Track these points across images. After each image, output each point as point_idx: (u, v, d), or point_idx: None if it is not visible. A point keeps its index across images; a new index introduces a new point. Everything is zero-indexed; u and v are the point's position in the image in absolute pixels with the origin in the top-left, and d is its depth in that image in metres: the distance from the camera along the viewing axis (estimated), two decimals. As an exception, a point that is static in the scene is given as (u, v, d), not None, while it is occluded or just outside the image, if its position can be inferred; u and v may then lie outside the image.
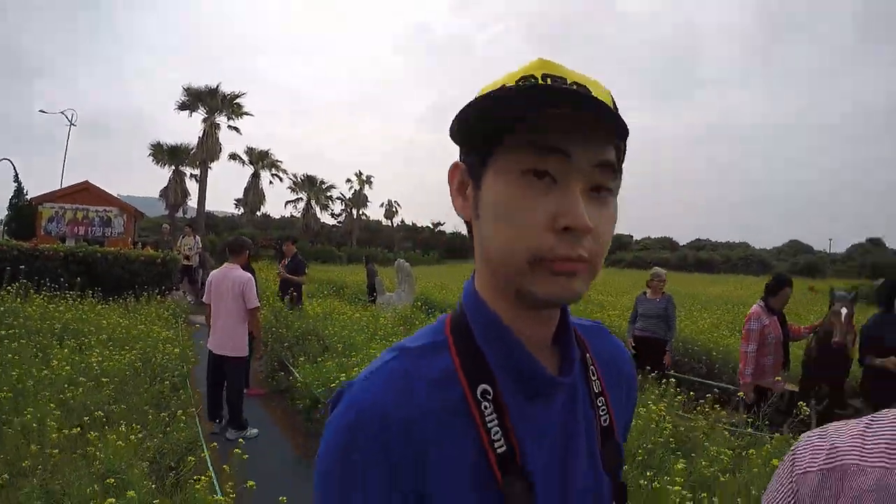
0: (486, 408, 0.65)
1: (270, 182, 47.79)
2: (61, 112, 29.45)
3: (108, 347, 6.26)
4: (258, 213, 50.72)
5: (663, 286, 6.98)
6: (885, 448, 0.89)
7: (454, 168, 0.72)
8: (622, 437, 0.82)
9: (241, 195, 47.39)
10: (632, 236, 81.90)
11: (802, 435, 0.90)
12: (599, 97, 0.62)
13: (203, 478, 3.22)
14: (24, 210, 19.32)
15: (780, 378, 5.28)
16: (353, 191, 58.96)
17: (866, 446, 0.91)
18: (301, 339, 7.89)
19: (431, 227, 74.35)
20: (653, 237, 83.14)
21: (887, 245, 59.10)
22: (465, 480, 0.63)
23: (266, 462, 4.93)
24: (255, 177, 45.88)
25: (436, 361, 0.68)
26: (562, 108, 0.59)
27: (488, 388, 0.66)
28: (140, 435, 3.85)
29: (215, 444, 4.66)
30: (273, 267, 16.95)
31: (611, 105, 0.64)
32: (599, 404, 0.77)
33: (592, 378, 0.77)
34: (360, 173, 59.12)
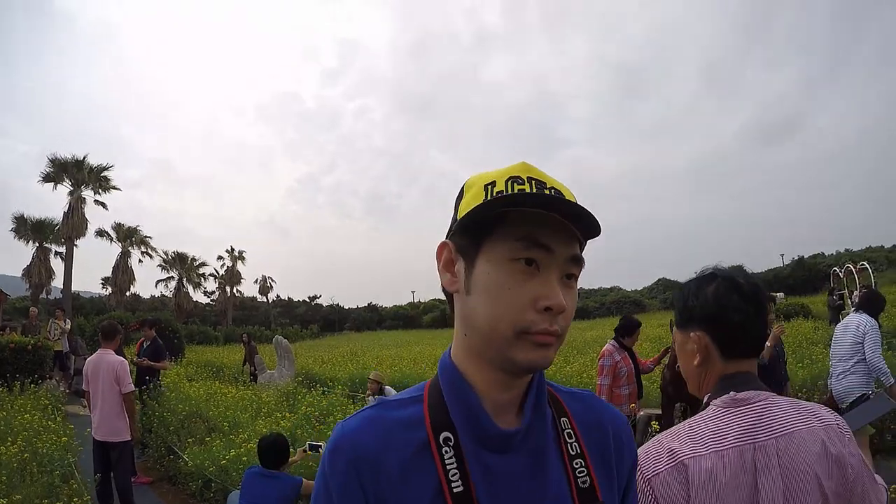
0: (446, 452, 0.75)
1: (140, 260, 45.29)
2: None
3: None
4: (128, 294, 48.12)
5: None
6: (710, 437, 1.15)
7: (442, 246, 0.83)
8: (616, 499, 0.86)
9: (108, 274, 44.94)
10: None
11: (639, 449, 1.05)
12: (570, 199, 0.77)
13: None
14: None
15: (634, 405, 5.82)
16: (225, 267, 57.27)
17: (695, 441, 1.15)
18: (185, 421, 7.99)
19: (308, 300, 73.83)
20: None
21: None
22: None
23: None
24: (124, 255, 43.52)
25: (408, 410, 0.80)
26: (549, 213, 0.73)
27: (450, 435, 0.76)
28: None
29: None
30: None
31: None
32: (576, 465, 0.81)
33: (569, 440, 0.83)
34: (233, 249, 57.90)
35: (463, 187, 0.84)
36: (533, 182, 0.77)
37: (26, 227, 35.42)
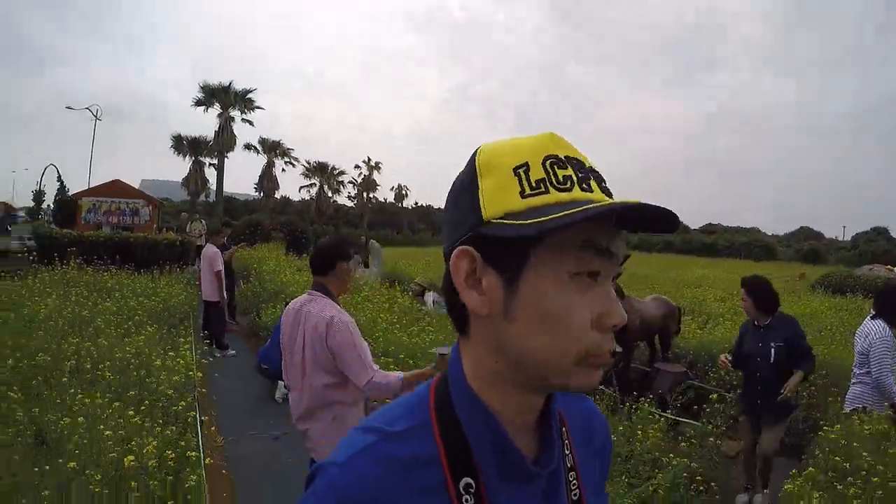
0: (466, 500, 0.65)
1: (283, 169, 51.40)
2: (87, 108, 33.12)
3: (140, 298, 9.59)
4: (277, 197, 54.54)
5: None
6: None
7: (461, 255, 0.66)
8: (601, 489, 0.84)
9: (256, 180, 51.13)
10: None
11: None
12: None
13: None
14: (66, 204, 23.12)
15: None
16: (362, 176, 62.45)
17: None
18: (273, 296, 10.89)
19: (441, 208, 77.61)
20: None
21: (892, 234, 60.43)
22: None
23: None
24: (269, 165, 49.54)
25: (418, 446, 0.67)
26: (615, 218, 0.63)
27: (471, 482, 0.66)
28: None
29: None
30: (279, 247, 19.79)
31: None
32: (570, 478, 0.76)
33: (566, 453, 0.77)
34: (369, 159, 62.60)
35: (476, 164, 0.67)
36: (572, 164, 0.64)
37: (182, 145, 41.49)
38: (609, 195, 0.65)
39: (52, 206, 22.86)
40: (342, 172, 58.22)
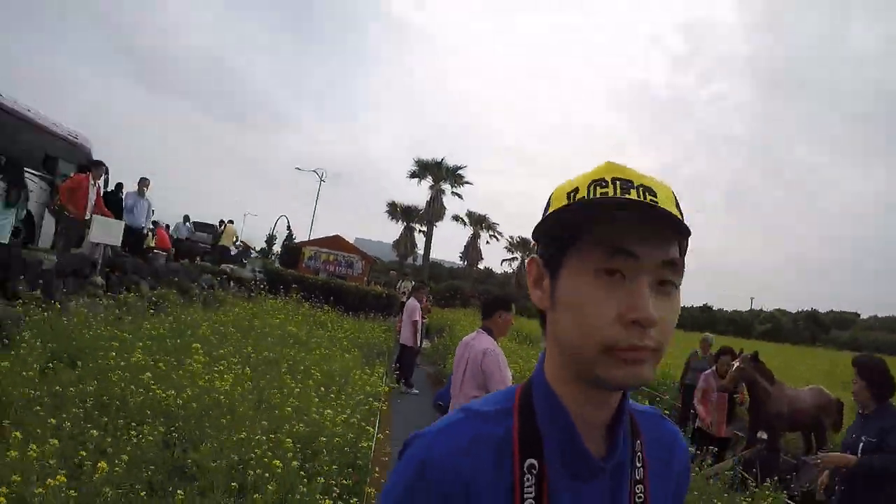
0: (527, 479, 0.72)
1: (488, 241, 53.26)
2: (314, 170, 37.34)
3: (347, 333, 10.40)
4: (479, 267, 56.50)
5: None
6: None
7: (531, 262, 0.79)
8: None
9: (461, 249, 53.48)
10: (858, 314, 75.43)
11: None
12: (663, 199, 0.70)
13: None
14: (292, 250, 25.95)
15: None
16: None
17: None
18: None
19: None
20: (880, 316, 75.64)
21: None
22: None
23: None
24: (475, 237, 51.67)
25: (498, 429, 0.75)
26: (630, 215, 0.68)
27: (535, 463, 0.72)
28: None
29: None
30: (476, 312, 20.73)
31: (674, 205, 0.72)
32: (637, 491, 0.78)
33: (637, 465, 0.79)
34: None
35: (549, 198, 0.78)
36: (618, 183, 0.70)
37: (396, 211, 44.79)
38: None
39: (279, 249, 25.81)
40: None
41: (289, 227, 29.06)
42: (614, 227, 0.68)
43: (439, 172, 42.43)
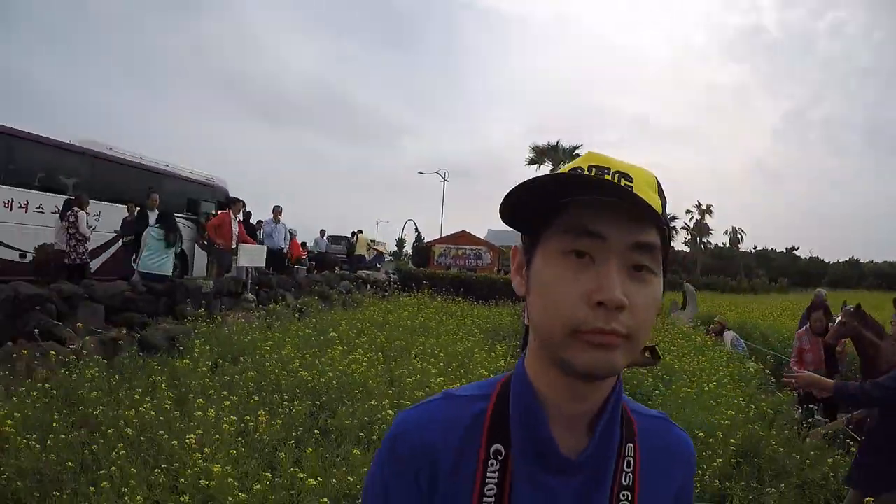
0: (492, 465, 0.72)
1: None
2: (436, 172, 38.66)
3: (476, 320, 10.98)
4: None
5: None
6: None
7: (514, 250, 0.79)
8: None
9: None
10: None
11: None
12: (640, 184, 0.70)
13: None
14: (422, 249, 27.38)
15: None
16: (693, 220, 60.60)
17: None
18: None
19: (786, 251, 70.59)
20: None
21: None
22: None
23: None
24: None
25: (473, 409, 0.77)
26: (595, 200, 0.66)
27: (501, 449, 0.73)
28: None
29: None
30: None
31: (654, 191, 0.72)
32: (622, 497, 0.75)
33: (626, 469, 0.76)
34: (700, 203, 61.26)
35: None
36: (594, 169, 0.71)
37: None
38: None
39: (410, 250, 27.32)
40: (674, 218, 57.17)
41: (416, 230, 30.66)
42: (584, 210, 0.67)
43: (556, 155, 42.37)
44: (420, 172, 41.85)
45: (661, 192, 0.73)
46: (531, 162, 43.29)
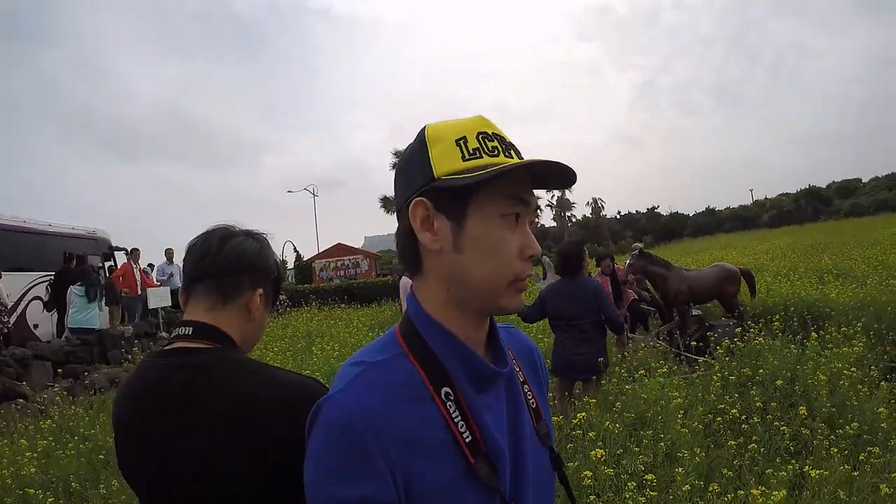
0: (450, 406, 0.79)
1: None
2: (304, 188, 40.14)
3: (363, 319, 13.05)
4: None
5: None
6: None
7: (417, 204, 0.82)
8: (546, 415, 0.97)
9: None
10: (860, 179, 71.51)
11: None
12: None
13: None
14: (303, 267, 29.28)
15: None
16: (554, 197, 65.46)
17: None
18: None
19: (648, 211, 76.88)
20: (881, 176, 70.36)
21: None
22: (444, 463, 0.77)
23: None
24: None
25: (399, 368, 0.81)
26: (524, 175, 0.83)
27: (449, 390, 0.80)
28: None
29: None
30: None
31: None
32: (526, 390, 0.93)
33: (517, 370, 0.93)
34: None
35: (424, 139, 0.84)
36: (497, 139, 0.83)
37: (390, 203, 47.22)
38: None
39: (292, 270, 28.97)
40: (537, 197, 61.09)
41: (295, 249, 32.10)
42: (516, 179, 0.81)
43: (418, 159, 44.78)
44: (289, 191, 42.49)
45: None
46: (394, 167, 45.17)
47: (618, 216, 79.19)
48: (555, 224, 67.76)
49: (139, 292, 12.15)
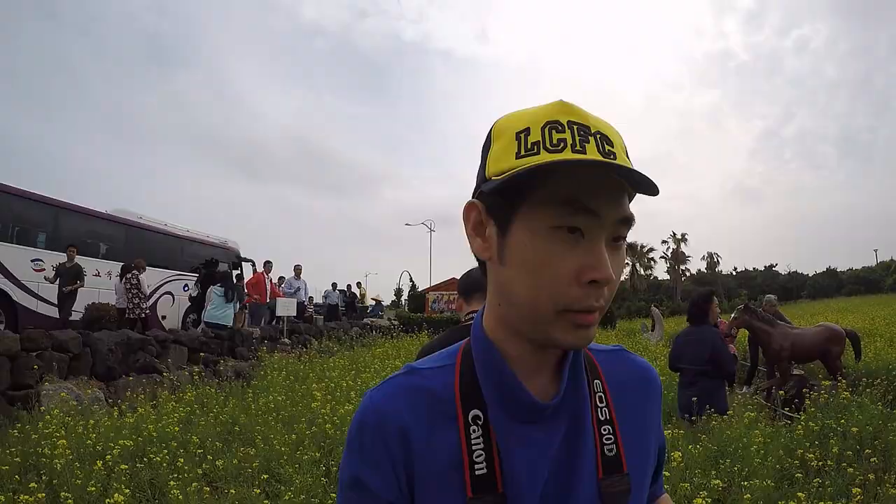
0: (474, 431, 0.71)
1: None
2: (422, 223, 41.05)
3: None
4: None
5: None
6: None
7: (470, 207, 0.73)
8: (652, 460, 0.82)
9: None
10: None
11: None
12: (618, 149, 0.66)
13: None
14: (417, 297, 30.24)
15: None
16: (670, 250, 64.70)
17: None
18: None
19: (765, 269, 74.68)
20: None
21: None
22: (447, 491, 0.70)
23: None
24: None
25: (439, 380, 0.75)
26: (591, 171, 0.63)
27: (480, 414, 0.71)
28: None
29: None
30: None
31: (626, 154, 0.67)
32: (604, 432, 0.75)
33: (599, 405, 0.77)
34: (674, 233, 65.33)
35: (490, 133, 0.72)
36: (574, 128, 0.65)
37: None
38: (610, 158, 0.64)
39: (406, 299, 30.16)
40: (651, 249, 61.46)
41: (411, 279, 33.78)
42: (574, 182, 0.63)
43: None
44: (407, 224, 43.44)
45: (627, 154, 0.68)
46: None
47: (734, 272, 76.88)
48: (668, 277, 66.43)
49: (267, 300, 13.14)
